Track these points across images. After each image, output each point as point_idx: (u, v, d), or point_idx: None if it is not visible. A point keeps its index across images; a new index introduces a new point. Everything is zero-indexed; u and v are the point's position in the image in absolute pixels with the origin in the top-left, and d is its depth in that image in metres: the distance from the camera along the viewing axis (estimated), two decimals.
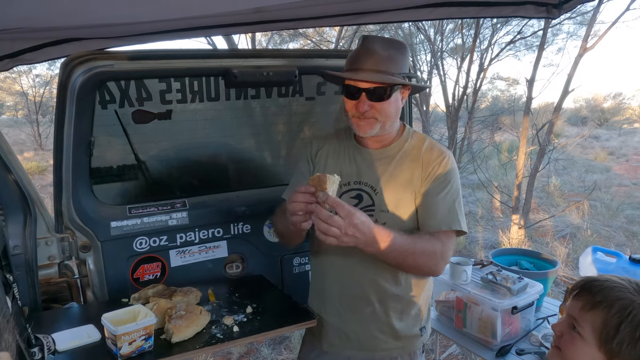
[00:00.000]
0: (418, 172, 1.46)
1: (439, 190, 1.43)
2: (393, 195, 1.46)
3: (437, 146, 1.51)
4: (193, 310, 1.43)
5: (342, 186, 1.51)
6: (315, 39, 9.77)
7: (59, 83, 1.59)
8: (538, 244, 5.93)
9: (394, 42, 1.42)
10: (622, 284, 0.98)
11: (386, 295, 1.51)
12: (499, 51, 8.68)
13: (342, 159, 1.54)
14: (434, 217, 1.42)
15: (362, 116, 1.39)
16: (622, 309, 0.93)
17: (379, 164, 1.49)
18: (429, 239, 1.40)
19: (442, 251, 1.40)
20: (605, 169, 11.72)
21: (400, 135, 1.53)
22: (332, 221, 1.19)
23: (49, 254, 1.76)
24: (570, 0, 1.55)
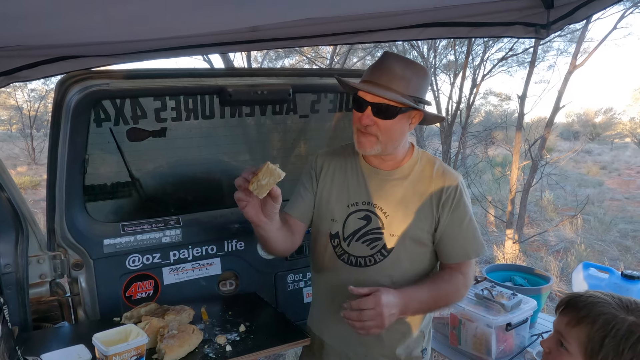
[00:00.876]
0: (430, 196, 1.43)
1: (459, 221, 1.42)
2: (404, 219, 1.42)
3: (449, 170, 1.48)
4: (185, 330, 1.42)
5: (350, 206, 1.47)
6: (310, 55, 9.88)
7: (54, 102, 1.60)
8: (532, 258, 5.94)
9: (414, 65, 1.39)
10: (606, 300, 1.00)
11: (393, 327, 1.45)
12: (491, 67, 8.83)
13: (350, 177, 1.50)
14: (460, 249, 1.43)
15: (364, 130, 1.36)
16: (605, 323, 0.96)
17: (390, 186, 1.45)
18: (451, 275, 1.42)
19: (465, 282, 1.43)
20: (598, 183, 11.83)
21: (410, 156, 1.49)
22: (366, 316, 1.22)
23: (41, 272, 1.75)
24: (557, 22, 1.59)
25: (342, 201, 1.49)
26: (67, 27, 1.52)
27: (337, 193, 1.50)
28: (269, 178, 1.19)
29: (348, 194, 1.49)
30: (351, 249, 1.46)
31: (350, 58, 10.08)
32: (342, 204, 1.49)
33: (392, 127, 1.35)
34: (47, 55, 1.68)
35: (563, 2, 1.50)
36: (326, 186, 1.51)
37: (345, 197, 1.49)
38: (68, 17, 1.41)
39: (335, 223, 1.49)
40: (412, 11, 1.66)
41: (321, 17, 1.68)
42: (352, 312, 1.23)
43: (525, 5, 1.57)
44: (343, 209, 1.48)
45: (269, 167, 1.19)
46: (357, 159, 1.52)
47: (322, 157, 1.58)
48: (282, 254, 1.55)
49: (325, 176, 1.53)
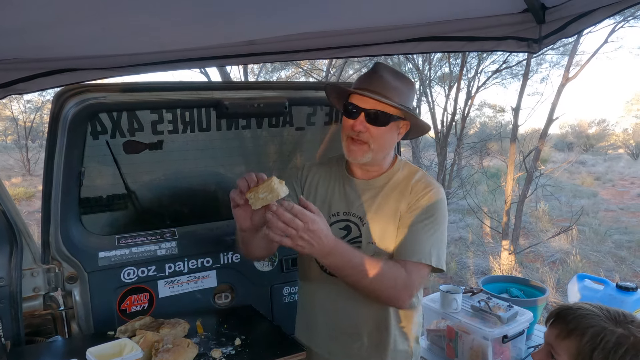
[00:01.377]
0: (404, 203, 1.43)
1: (418, 220, 1.39)
2: (380, 227, 1.43)
3: (427, 179, 1.47)
4: (180, 344, 1.41)
5: (331, 216, 1.49)
6: (307, 67, 9.96)
7: (51, 114, 1.60)
8: (528, 269, 5.95)
9: (403, 77, 1.44)
10: (594, 312, 1.02)
11: (375, 330, 1.48)
12: (485, 79, 8.94)
13: (332, 188, 1.53)
14: (405, 247, 1.38)
15: (356, 137, 1.36)
16: (594, 336, 0.97)
17: (367, 195, 1.47)
18: (394, 265, 1.35)
19: (406, 281, 1.33)
20: (592, 194, 11.90)
21: (391, 166, 1.51)
22: (293, 223, 1.15)
23: (34, 286, 1.73)
24: (549, 36, 1.61)
25: (324, 212, 1.47)
26: (64, 41, 1.54)
27: (319, 204, 1.51)
28: (268, 194, 1.17)
29: (330, 205, 1.51)
30: None
31: (346, 70, 10.18)
32: (325, 215, 1.44)
33: (384, 135, 1.37)
34: (44, 68, 1.68)
35: (554, 17, 1.53)
36: (310, 197, 1.53)
37: (327, 208, 1.51)
38: (65, 30, 1.43)
39: None
40: (407, 26, 1.69)
41: (317, 31, 1.71)
42: (286, 214, 1.15)
43: (518, 21, 1.60)
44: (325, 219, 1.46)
45: (271, 182, 1.18)
46: (342, 169, 1.54)
47: (307, 168, 1.61)
48: (258, 259, 1.59)
49: (309, 187, 1.56)
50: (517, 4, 1.51)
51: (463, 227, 7.92)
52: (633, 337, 0.95)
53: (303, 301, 1.66)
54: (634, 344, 0.95)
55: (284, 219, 1.15)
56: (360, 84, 1.39)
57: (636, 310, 2.17)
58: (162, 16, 1.41)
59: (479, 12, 1.61)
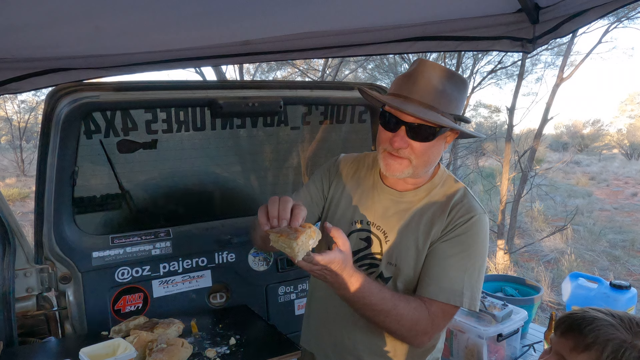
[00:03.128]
0: (439, 226, 1.22)
1: (452, 253, 1.19)
2: (405, 247, 1.24)
3: (470, 201, 1.24)
4: (174, 343, 1.40)
5: (353, 224, 1.33)
6: (303, 67, 9.96)
7: (44, 113, 1.59)
8: (523, 269, 5.97)
9: (454, 76, 1.19)
10: (612, 322, 0.96)
11: (379, 353, 1.33)
12: (480, 80, 8.97)
13: (360, 193, 1.35)
14: (432, 283, 1.19)
15: (395, 153, 1.17)
16: (615, 350, 0.92)
17: (397, 209, 1.28)
18: (417, 306, 1.17)
19: (427, 326, 1.17)
20: (587, 193, 11.97)
21: (431, 179, 1.30)
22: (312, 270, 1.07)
23: (27, 286, 1.72)
24: (543, 36, 1.62)
25: (347, 217, 1.35)
26: (57, 40, 1.53)
27: (344, 207, 1.36)
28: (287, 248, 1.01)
29: (354, 210, 1.34)
30: None
31: (342, 70, 10.18)
32: (346, 219, 1.35)
33: (428, 150, 1.17)
34: (37, 68, 1.67)
35: (548, 17, 1.54)
36: (336, 195, 1.38)
37: (351, 213, 1.35)
38: (58, 29, 1.42)
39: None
40: (402, 25, 1.69)
41: (312, 31, 1.71)
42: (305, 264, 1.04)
43: (512, 20, 1.61)
44: (346, 226, 1.34)
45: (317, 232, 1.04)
46: (375, 173, 1.36)
47: (343, 162, 1.43)
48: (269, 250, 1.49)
49: (337, 184, 1.40)
50: (511, 4, 1.52)
51: None
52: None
53: (310, 312, 1.53)
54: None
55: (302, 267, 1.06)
56: (400, 88, 1.16)
57: (629, 308, 2.19)
58: (156, 16, 1.40)
59: (473, 12, 1.61)
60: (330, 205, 1.40)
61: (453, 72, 1.20)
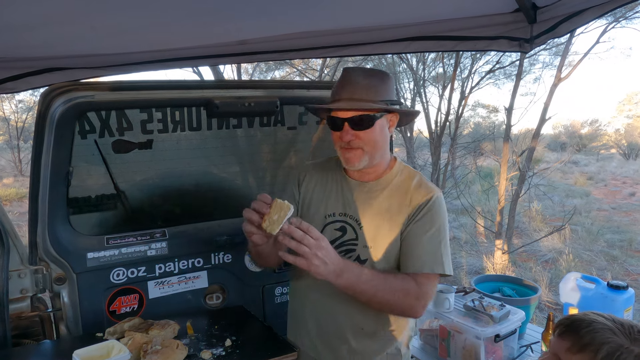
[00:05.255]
0: (405, 209, 1.41)
1: (424, 230, 1.38)
2: (377, 230, 1.42)
3: (427, 184, 1.46)
4: (169, 345, 1.40)
5: (327, 217, 1.48)
6: (301, 67, 9.95)
7: (38, 113, 1.58)
8: (521, 268, 5.97)
9: (375, 71, 1.43)
10: (609, 326, 0.96)
11: (363, 333, 1.47)
12: (479, 79, 8.98)
13: (329, 189, 1.52)
14: (415, 259, 1.38)
15: (348, 146, 1.37)
16: (609, 353, 0.92)
17: (365, 197, 1.45)
18: (404, 277, 1.36)
19: (418, 293, 1.35)
20: (585, 193, 11.98)
21: (390, 169, 1.49)
22: (305, 239, 1.18)
23: (22, 287, 1.71)
24: (540, 36, 1.62)
25: (320, 212, 1.50)
26: (53, 39, 1.52)
27: (315, 204, 1.52)
28: (280, 212, 1.21)
29: (326, 205, 1.50)
30: None
31: (340, 70, 10.17)
32: (320, 214, 1.50)
33: (374, 136, 1.37)
34: (33, 67, 1.66)
35: (546, 17, 1.53)
36: (307, 197, 1.54)
37: (323, 209, 1.50)
38: (54, 29, 1.41)
39: None
40: (399, 25, 1.68)
41: (309, 31, 1.70)
42: (298, 231, 1.18)
43: (509, 20, 1.60)
44: (320, 220, 1.49)
45: (277, 202, 1.22)
46: (340, 170, 1.53)
47: (305, 170, 1.61)
48: (274, 266, 1.60)
49: (307, 188, 1.56)
50: (508, 3, 1.51)
51: (457, 227, 7.94)
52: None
53: (293, 303, 1.65)
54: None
55: (295, 236, 1.18)
56: (335, 95, 1.40)
57: (627, 308, 2.18)
58: (153, 15, 1.39)
59: (471, 11, 1.61)
60: (303, 207, 1.55)
61: (372, 69, 1.46)
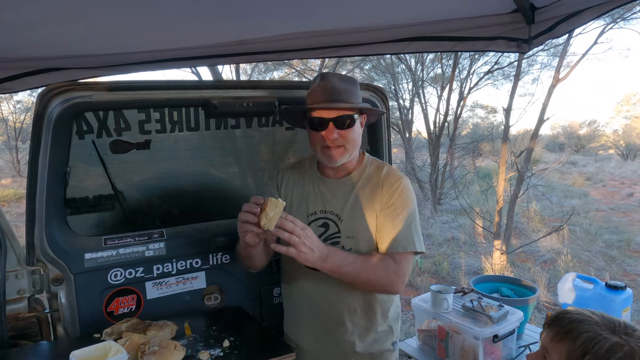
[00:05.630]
0: (379, 197, 1.54)
1: (395, 214, 1.52)
2: (357, 221, 1.54)
3: (395, 172, 1.60)
4: (167, 346, 1.39)
5: (309, 216, 1.60)
6: (299, 68, 9.95)
7: (35, 113, 1.57)
8: (520, 269, 5.97)
9: (348, 77, 1.56)
10: (592, 318, 1.00)
11: (356, 315, 1.59)
12: (477, 80, 8.99)
13: (307, 189, 1.63)
14: (390, 240, 1.51)
15: (332, 145, 1.47)
16: (587, 341, 0.96)
17: (342, 192, 1.58)
18: (383, 257, 1.50)
19: (397, 269, 1.49)
20: (583, 194, 12.00)
21: (360, 163, 1.62)
22: (295, 230, 1.31)
23: (19, 288, 1.70)
24: (538, 37, 1.62)
25: (302, 212, 1.61)
26: (50, 40, 1.51)
27: (297, 205, 1.63)
28: (275, 209, 1.30)
29: (307, 205, 1.61)
30: None
31: (338, 71, 10.18)
32: (302, 214, 1.60)
33: (354, 135, 1.50)
34: (30, 68, 1.66)
35: (544, 17, 1.53)
36: (287, 199, 1.63)
37: (305, 208, 1.61)
38: (50, 29, 1.41)
39: None
40: (398, 26, 1.68)
41: (308, 31, 1.69)
42: (288, 223, 1.32)
43: (508, 21, 1.60)
44: (303, 219, 1.57)
45: (271, 200, 1.30)
46: (314, 171, 1.65)
47: (281, 173, 1.71)
48: (260, 268, 1.67)
49: (285, 190, 1.66)
50: (506, 4, 1.51)
51: (455, 228, 7.94)
52: (628, 346, 0.93)
53: (288, 298, 1.75)
54: (628, 353, 0.92)
55: (287, 228, 1.31)
56: (318, 97, 1.47)
57: (625, 308, 2.19)
58: (151, 15, 1.39)
59: (469, 12, 1.61)
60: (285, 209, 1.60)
61: (344, 75, 1.57)
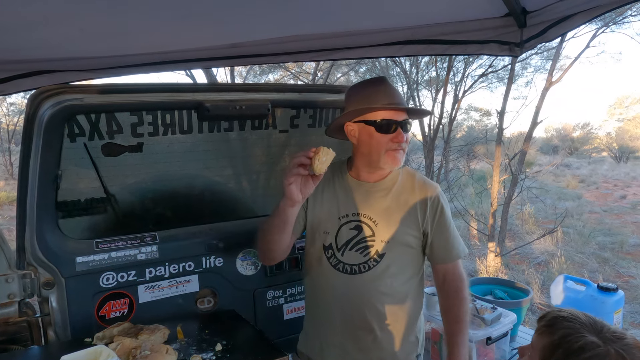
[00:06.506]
0: (414, 205, 1.55)
1: (446, 225, 1.56)
2: (392, 226, 1.53)
3: (428, 181, 1.62)
4: (159, 350, 1.38)
5: (341, 218, 1.56)
6: (294, 70, 9.96)
7: (26, 116, 1.56)
8: (514, 271, 6.00)
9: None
10: (579, 318, 1.02)
11: (387, 322, 1.55)
12: (472, 83, 9.03)
13: (338, 192, 1.59)
14: (450, 251, 1.56)
15: (399, 147, 1.48)
16: (563, 336, 0.99)
17: (377, 197, 1.56)
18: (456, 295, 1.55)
19: (463, 283, 1.56)
20: (577, 196, 12.08)
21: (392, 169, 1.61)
22: None
23: (9, 292, 1.68)
24: (530, 40, 1.63)
25: (333, 214, 1.58)
26: (42, 42, 1.50)
27: (328, 207, 1.59)
28: (327, 156, 1.36)
29: (338, 207, 1.58)
30: (345, 257, 1.55)
31: (333, 73, 10.20)
32: (334, 216, 1.57)
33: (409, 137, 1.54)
34: (22, 70, 1.64)
35: (535, 21, 1.54)
36: (317, 201, 1.59)
37: (336, 210, 1.58)
38: (42, 31, 1.40)
39: (328, 235, 1.58)
40: (391, 29, 1.69)
41: (302, 34, 1.70)
42: None
43: (500, 24, 1.61)
44: (334, 222, 1.57)
45: (323, 148, 1.36)
46: (344, 173, 1.62)
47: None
48: (277, 260, 1.62)
49: (315, 192, 1.57)
50: (498, 8, 1.52)
51: None
52: (604, 347, 0.94)
53: (314, 299, 1.68)
54: (600, 353, 0.93)
55: None
56: (386, 99, 1.48)
57: (617, 310, 2.20)
58: (144, 18, 1.39)
59: (461, 15, 1.62)
60: (314, 213, 1.60)
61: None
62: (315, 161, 1.36)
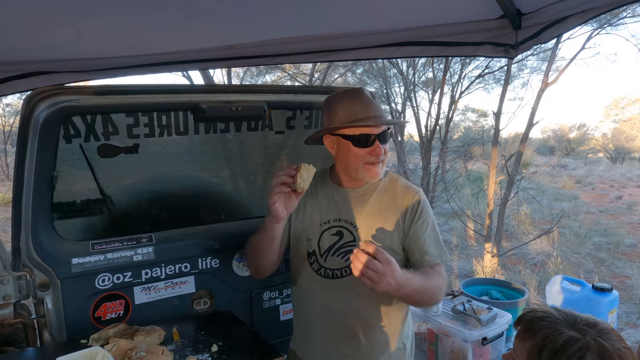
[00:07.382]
0: (397, 208, 1.53)
1: (424, 228, 1.52)
2: (373, 230, 1.52)
3: (410, 185, 1.60)
4: (154, 351, 1.38)
5: (322, 224, 1.56)
6: (292, 72, 9.96)
7: (22, 117, 1.56)
8: (511, 272, 6.02)
9: (371, 93, 1.57)
10: (552, 314, 1.05)
11: (370, 328, 1.54)
12: (468, 84, 9.05)
13: (320, 198, 1.59)
14: (428, 254, 1.51)
15: (377, 160, 1.46)
16: (544, 337, 1.01)
17: (357, 202, 1.55)
18: (432, 272, 1.48)
19: (443, 282, 1.51)
20: (573, 196, 12.12)
21: None
22: (373, 265, 1.22)
23: (4, 294, 1.68)
24: (525, 42, 1.64)
25: (315, 221, 1.58)
26: (38, 43, 1.50)
27: (310, 214, 1.59)
28: (308, 173, 1.37)
29: (320, 214, 1.58)
30: (327, 263, 1.55)
31: (330, 74, 10.21)
32: (316, 223, 1.57)
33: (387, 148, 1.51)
34: (17, 71, 1.64)
35: (530, 23, 1.55)
36: (300, 210, 1.58)
37: (318, 217, 1.58)
38: (38, 33, 1.40)
39: (310, 242, 1.58)
40: (387, 31, 1.70)
41: (298, 36, 1.70)
42: (363, 254, 1.23)
43: (495, 26, 1.62)
44: (316, 228, 1.57)
45: (304, 165, 1.37)
46: (325, 180, 1.62)
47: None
48: (268, 273, 1.62)
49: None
50: (493, 10, 1.53)
51: (447, 231, 7.98)
52: (583, 339, 0.96)
53: (299, 305, 1.69)
54: (582, 346, 0.95)
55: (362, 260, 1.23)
56: (360, 114, 1.45)
57: (611, 310, 2.21)
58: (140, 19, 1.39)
59: (457, 17, 1.62)
60: (297, 221, 1.60)
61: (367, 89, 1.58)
62: (297, 179, 1.36)
